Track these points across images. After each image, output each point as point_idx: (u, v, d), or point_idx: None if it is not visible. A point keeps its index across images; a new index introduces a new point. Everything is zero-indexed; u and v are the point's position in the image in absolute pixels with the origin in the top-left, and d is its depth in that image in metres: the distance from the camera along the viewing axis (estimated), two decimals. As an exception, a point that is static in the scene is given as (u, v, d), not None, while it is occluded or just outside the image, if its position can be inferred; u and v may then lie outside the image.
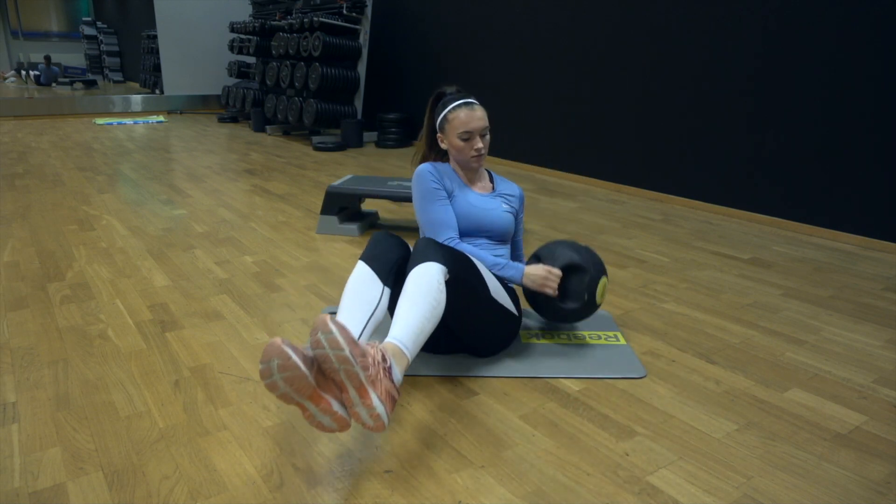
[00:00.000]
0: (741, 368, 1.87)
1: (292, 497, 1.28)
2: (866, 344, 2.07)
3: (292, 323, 2.12)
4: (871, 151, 3.15)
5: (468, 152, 1.93)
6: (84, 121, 8.28)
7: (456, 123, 1.91)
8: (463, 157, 1.95)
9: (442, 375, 1.78)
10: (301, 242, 3.05)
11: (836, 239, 3.32)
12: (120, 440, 1.46)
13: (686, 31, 3.89)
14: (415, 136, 6.63)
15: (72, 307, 2.23)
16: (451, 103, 1.94)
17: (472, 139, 1.92)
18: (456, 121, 1.91)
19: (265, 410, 1.59)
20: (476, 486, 1.32)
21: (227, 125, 8.12)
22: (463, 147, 1.93)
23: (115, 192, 4.10)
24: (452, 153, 1.99)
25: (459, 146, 1.93)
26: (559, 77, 4.85)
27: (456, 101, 1.93)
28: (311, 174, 4.88)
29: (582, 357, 1.90)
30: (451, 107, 1.93)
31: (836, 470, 1.41)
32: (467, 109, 1.90)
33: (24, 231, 3.15)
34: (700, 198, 3.98)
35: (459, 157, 1.96)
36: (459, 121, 1.91)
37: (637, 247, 3.10)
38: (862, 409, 1.66)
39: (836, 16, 3.19)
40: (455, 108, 1.92)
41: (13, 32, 18.32)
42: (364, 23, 6.45)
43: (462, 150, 1.94)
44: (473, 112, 1.91)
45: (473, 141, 1.92)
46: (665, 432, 1.53)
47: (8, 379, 1.72)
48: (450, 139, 1.95)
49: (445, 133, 1.96)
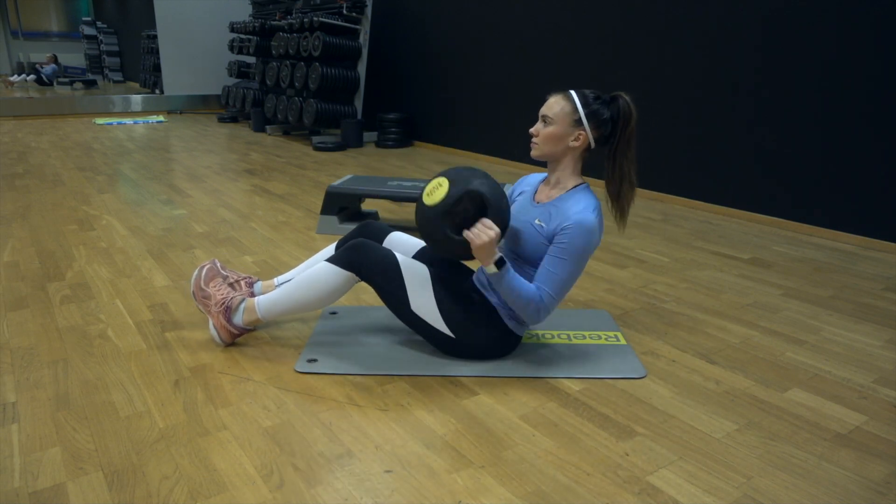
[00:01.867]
0: (741, 368, 1.87)
1: (292, 497, 1.28)
2: (866, 344, 2.07)
3: (292, 322, 2.12)
4: (871, 151, 3.15)
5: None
6: (84, 121, 8.28)
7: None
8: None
9: (442, 375, 1.78)
10: (301, 242, 3.05)
11: (836, 239, 3.32)
12: (120, 440, 1.46)
13: (686, 31, 3.89)
14: (415, 136, 6.64)
15: (72, 307, 2.23)
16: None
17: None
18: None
19: (265, 410, 1.59)
20: (476, 486, 1.32)
21: (227, 125, 8.12)
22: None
23: (115, 192, 4.10)
24: None
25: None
26: (559, 77, 4.85)
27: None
28: (311, 174, 4.88)
29: (582, 357, 1.90)
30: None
31: (836, 470, 1.41)
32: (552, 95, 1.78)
33: (24, 231, 3.15)
34: (700, 198, 3.98)
35: None
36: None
37: (637, 247, 3.10)
38: (862, 409, 1.66)
39: (836, 16, 3.19)
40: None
41: (13, 32, 18.32)
42: (364, 23, 6.45)
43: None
44: (550, 97, 1.77)
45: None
46: (665, 432, 1.53)
47: (8, 379, 1.72)
48: None
49: None
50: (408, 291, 1.77)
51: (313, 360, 1.83)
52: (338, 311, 2.22)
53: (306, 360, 1.83)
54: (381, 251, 1.79)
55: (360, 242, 1.80)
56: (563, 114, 1.74)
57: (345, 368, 1.79)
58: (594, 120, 1.73)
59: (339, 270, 1.78)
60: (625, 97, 1.74)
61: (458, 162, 5.63)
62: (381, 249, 1.80)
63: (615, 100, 1.75)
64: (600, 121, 1.73)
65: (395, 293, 1.78)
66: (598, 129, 1.74)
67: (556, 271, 1.68)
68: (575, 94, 1.74)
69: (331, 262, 1.80)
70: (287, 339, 2.00)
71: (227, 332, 1.89)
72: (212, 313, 1.88)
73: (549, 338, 2.02)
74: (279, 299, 1.84)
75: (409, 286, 1.77)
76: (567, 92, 1.76)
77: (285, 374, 1.77)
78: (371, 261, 1.77)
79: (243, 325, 1.88)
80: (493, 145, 5.64)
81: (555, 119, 1.74)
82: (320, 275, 1.80)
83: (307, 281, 1.81)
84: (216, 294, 1.89)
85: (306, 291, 1.81)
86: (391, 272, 1.77)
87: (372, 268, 1.77)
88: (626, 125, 1.73)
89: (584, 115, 1.73)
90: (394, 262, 1.78)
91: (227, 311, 1.87)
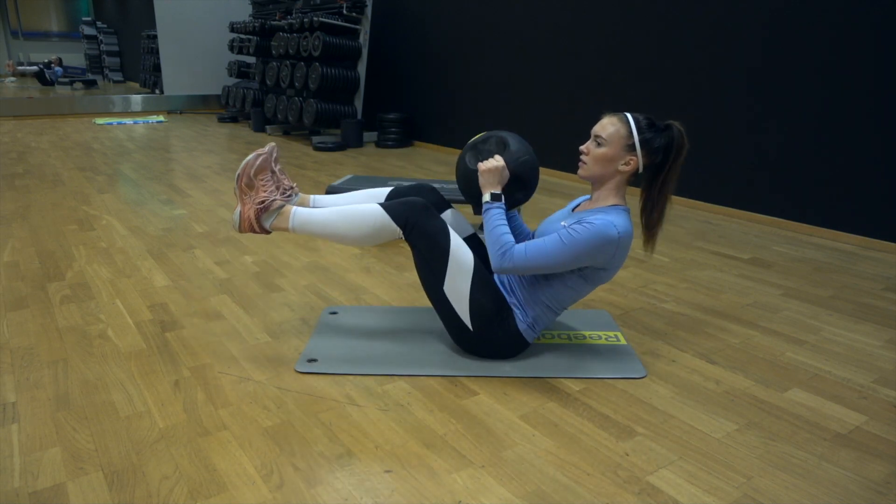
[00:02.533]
0: (741, 368, 1.87)
1: (292, 497, 1.28)
2: (866, 344, 2.07)
3: (292, 323, 2.12)
4: (871, 151, 3.15)
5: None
6: (84, 121, 8.28)
7: None
8: None
9: (442, 375, 1.78)
10: (301, 242, 3.05)
11: (836, 239, 3.32)
12: (120, 440, 1.46)
13: (686, 31, 3.89)
14: (414, 137, 6.64)
15: (72, 307, 2.23)
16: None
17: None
18: None
19: (265, 410, 1.59)
20: (476, 486, 1.32)
21: (227, 125, 8.12)
22: None
23: (115, 192, 4.10)
24: None
25: None
26: (559, 77, 4.85)
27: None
28: (311, 174, 4.88)
29: (582, 357, 1.90)
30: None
31: (836, 470, 1.41)
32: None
33: (24, 231, 3.15)
34: (700, 198, 3.98)
35: None
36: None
37: (637, 246, 3.10)
38: (862, 409, 1.66)
39: (836, 15, 3.19)
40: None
41: (13, 32, 18.32)
42: (364, 23, 6.45)
43: None
44: (604, 117, 1.76)
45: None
46: (665, 432, 1.53)
47: (8, 379, 1.72)
48: None
49: None
50: (447, 271, 1.74)
51: (313, 360, 1.83)
52: (338, 311, 2.22)
53: (306, 360, 1.83)
54: (439, 221, 1.75)
55: (421, 203, 1.76)
56: (618, 136, 1.71)
57: (345, 368, 1.79)
58: (647, 147, 1.71)
59: (389, 221, 1.74)
60: (678, 126, 1.71)
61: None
62: (440, 220, 1.76)
63: (668, 128, 1.73)
64: (652, 148, 1.72)
65: (435, 267, 1.74)
66: (649, 156, 1.73)
67: (547, 246, 1.65)
68: (630, 117, 1.72)
69: (385, 210, 1.74)
70: (287, 339, 2.00)
71: (249, 225, 1.83)
72: (246, 204, 1.82)
73: (549, 338, 2.02)
74: (318, 220, 1.80)
75: (450, 266, 1.74)
76: (623, 114, 1.74)
77: (285, 374, 1.77)
78: (427, 226, 1.73)
79: (269, 227, 1.83)
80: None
81: (608, 141, 1.72)
82: (368, 216, 1.75)
83: (353, 216, 1.77)
84: (261, 190, 1.82)
85: (348, 225, 1.77)
86: (441, 246, 1.73)
87: (424, 233, 1.73)
88: (679, 156, 1.72)
89: (639, 141, 1.71)
90: (446, 238, 1.74)
91: (263, 211, 1.81)
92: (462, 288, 1.74)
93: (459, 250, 1.75)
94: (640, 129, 1.71)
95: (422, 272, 1.79)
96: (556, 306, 1.81)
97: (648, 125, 1.72)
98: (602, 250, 1.64)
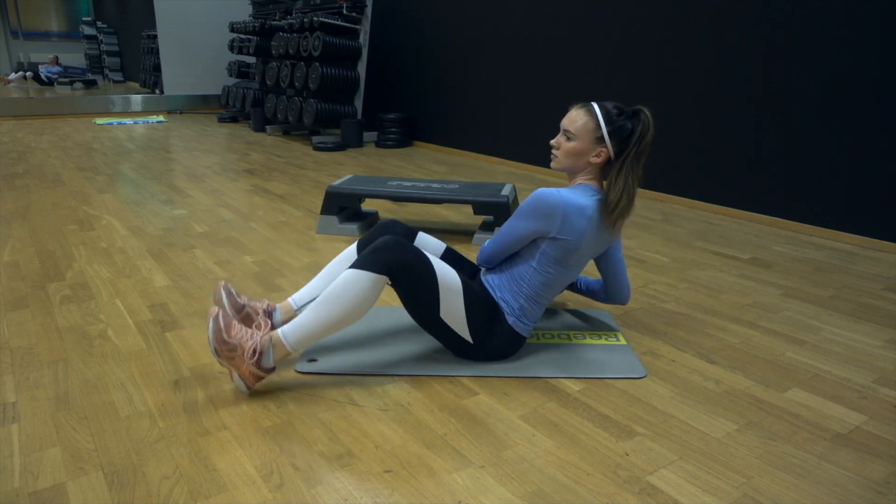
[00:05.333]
0: (741, 368, 1.87)
1: (292, 497, 1.28)
2: (866, 344, 2.07)
3: (292, 323, 2.12)
4: (871, 151, 3.15)
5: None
6: (84, 121, 8.28)
7: None
8: None
9: (442, 375, 1.78)
10: (301, 242, 3.05)
11: (836, 239, 3.32)
12: (120, 440, 1.46)
13: (686, 31, 3.89)
14: (414, 136, 6.64)
15: (72, 307, 2.23)
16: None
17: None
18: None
19: (265, 410, 1.59)
20: (476, 486, 1.32)
21: (227, 125, 8.12)
22: None
23: (115, 191, 4.10)
24: None
25: None
26: (559, 78, 4.85)
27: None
28: (311, 174, 4.88)
29: (582, 357, 1.90)
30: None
31: (836, 470, 1.41)
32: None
33: (24, 231, 3.15)
34: (700, 198, 3.98)
35: None
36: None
37: (637, 247, 3.10)
38: (862, 409, 1.66)
39: (836, 16, 3.19)
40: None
41: (13, 32, 18.31)
42: (364, 23, 6.45)
43: None
44: (572, 109, 1.79)
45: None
46: (665, 432, 1.53)
47: (8, 379, 1.72)
48: None
49: None
50: (440, 297, 1.68)
51: (313, 360, 1.83)
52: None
53: (306, 360, 1.83)
54: (416, 252, 1.66)
55: (393, 241, 1.65)
56: (586, 130, 1.72)
57: (345, 368, 1.79)
58: (616, 137, 1.72)
59: (371, 275, 1.61)
60: (646, 112, 1.72)
61: (458, 161, 5.63)
62: (416, 250, 1.67)
63: (637, 114, 1.73)
64: (622, 137, 1.72)
65: (427, 298, 1.67)
66: (620, 145, 1.73)
67: (503, 227, 1.81)
68: (598, 109, 1.72)
69: (360, 268, 1.61)
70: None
71: (255, 379, 1.62)
72: (240, 366, 1.59)
73: (549, 338, 2.02)
74: (307, 323, 1.62)
75: (441, 292, 1.68)
76: (590, 105, 1.73)
77: (285, 374, 1.77)
78: (407, 262, 1.63)
79: (273, 364, 1.63)
80: (493, 145, 5.64)
81: (577, 134, 1.73)
82: (349, 284, 1.61)
83: (335, 294, 1.61)
84: (243, 343, 1.59)
85: (337, 307, 1.61)
86: (427, 276, 1.65)
87: (407, 270, 1.63)
88: (642, 139, 1.71)
89: (608, 132, 1.71)
90: (429, 266, 1.66)
91: (260, 357, 1.60)
92: (457, 308, 1.72)
93: (445, 274, 1.70)
94: (608, 121, 1.72)
95: (415, 307, 1.71)
96: (538, 296, 1.82)
97: (618, 113, 1.73)
98: (546, 214, 1.71)
